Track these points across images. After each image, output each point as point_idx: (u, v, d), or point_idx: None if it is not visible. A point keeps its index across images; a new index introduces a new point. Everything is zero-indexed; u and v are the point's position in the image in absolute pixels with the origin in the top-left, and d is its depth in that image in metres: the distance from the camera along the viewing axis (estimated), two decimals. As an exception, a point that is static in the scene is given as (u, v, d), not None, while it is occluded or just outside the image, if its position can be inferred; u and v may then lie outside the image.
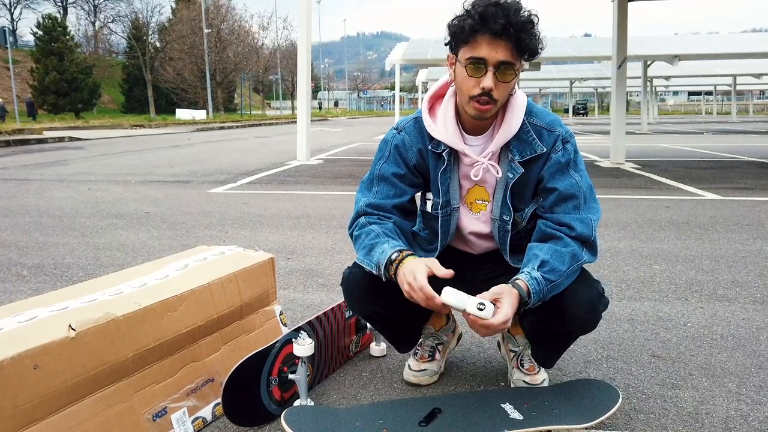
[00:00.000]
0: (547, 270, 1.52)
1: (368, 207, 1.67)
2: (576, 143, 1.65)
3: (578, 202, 1.60)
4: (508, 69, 1.48)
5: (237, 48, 44.82)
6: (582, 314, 1.58)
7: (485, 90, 1.48)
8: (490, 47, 1.46)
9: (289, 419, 1.48)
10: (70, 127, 21.04)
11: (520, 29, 1.44)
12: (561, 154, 1.61)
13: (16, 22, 50.32)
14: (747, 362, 2.05)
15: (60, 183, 7.03)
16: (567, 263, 1.54)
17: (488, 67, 1.47)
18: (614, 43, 9.05)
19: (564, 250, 1.55)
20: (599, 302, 1.61)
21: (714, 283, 3.00)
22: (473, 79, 1.50)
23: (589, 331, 1.66)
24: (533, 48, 1.48)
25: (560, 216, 1.60)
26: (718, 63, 26.03)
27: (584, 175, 1.64)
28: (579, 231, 1.57)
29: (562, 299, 1.57)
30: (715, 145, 13.80)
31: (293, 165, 9.16)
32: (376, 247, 1.57)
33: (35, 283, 3.00)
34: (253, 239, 4.01)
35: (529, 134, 1.61)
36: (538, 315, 1.67)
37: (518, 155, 1.60)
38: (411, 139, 1.68)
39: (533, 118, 1.62)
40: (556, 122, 1.64)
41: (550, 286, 1.51)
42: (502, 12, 1.43)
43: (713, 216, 4.81)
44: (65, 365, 1.31)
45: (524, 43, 1.45)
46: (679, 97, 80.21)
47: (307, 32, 9.42)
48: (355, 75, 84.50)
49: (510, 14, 1.43)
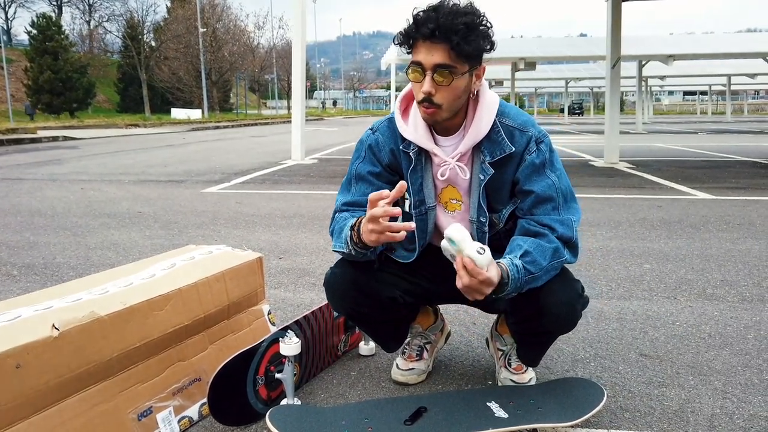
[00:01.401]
0: (529, 261, 1.51)
1: (344, 205, 1.70)
2: (551, 143, 1.65)
3: (557, 203, 1.60)
4: (445, 71, 1.47)
5: (232, 47, 44.77)
6: (561, 314, 1.59)
7: (425, 94, 1.50)
8: (426, 51, 1.47)
9: (274, 418, 1.48)
10: (64, 127, 20.97)
11: (450, 32, 1.43)
12: (535, 155, 1.60)
13: (10, 21, 50.22)
14: (734, 360, 2.06)
15: (53, 182, 7.01)
16: (548, 258, 1.54)
17: (426, 71, 1.48)
18: (608, 43, 9.07)
19: (547, 245, 1.55)
20: (578, 302, 1.61)
21: (704, 282, 3.01)
22: (416, 84, 1.52)
23: (568, 331, 1.67)
24: (472, 50, 1.46)
25: (540, 218, 1.60)
26: (712, 63, 26.12)
27: (562, 174, 1.63)
28: (560, 232, 1.57)
29: (541, 298, 1.57)
30: (709, 145, 13.86)
31: (288, 164, 9.16)
32: (345, 228, 1.59)
33: (25, 283, 2.99)
34: (245, 239, 4.01)
35: (500, 134, 1.60)
36: (518, 315, 1.68)
37: (489, 156, 1.60)
38: (384, 139, 1.69)
39: (505, 119, 1.62)
40: (528, 123, 1.63)
41: (528, 277, 1.50)
42: (435, 15, 1.43)
43: (705, 215, 4.83)
44: (48, 365, 1.31)
45: (457, 45, 1.44)
46: (674, 96, 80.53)
47: (302, 31, 9.41)
48: (351, 74, 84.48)
49: (440, 17, 1.43)
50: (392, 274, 1.73)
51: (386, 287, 1.70)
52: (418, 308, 1.92)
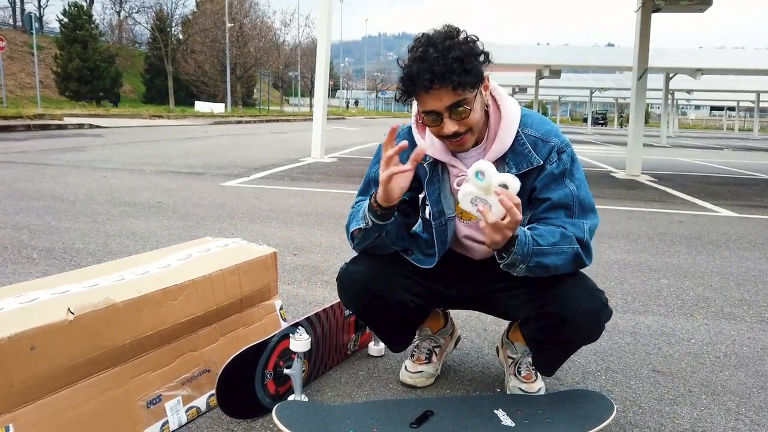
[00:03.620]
0: (537, 234, 1.50)
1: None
2: (573, 152, 1.63)
3: (572, 212, 1.57)
4: (460, 108, 1.47)
5: (258, 43, 45.06)
6: (585, 324, 1.57)
7: (451, 133, 1.50)
8: (432, 99, 1.47)
9: (280, 413, 1.49)
10: (90, 115, 21.28)
11: (447, 73, 1.42)
12: (555, 165, 1.58)
13: (43, 9, 50.97)
14: (749, 382, 2.02)
15: (76, 169, 7.12)
16: (557, 238, 1.51)
17: (442, 115, 1.49)
18: (636, 54, 8.96)
19: (557, 229, 1.53)
20: (602, 312, 1.59)
21: (722, 300, 2.96)
22: (435, 127, 1.52)
23: (591, 342, 1.65)
24: (472, 80, 1.45)
25: (552, 221, 1.57)
26: (741, 79, 25.69)
27: (582, 184, 1.61)
28: (570, 232, 1.55)
29: (565, 308, 1.55)
30: (734, 162, 13.62)
31: (307, 162, 9.20)
32: (362, 206, 1.61)
33: (44, 266, 3.04)
34: (261, 233, 4.03)
35: (525, 146, 1.59)
36: (540, 322, 1.66)
37: (515, 168, 1.58)
38: None
39: (528, 129, 1.60)
40: (551, 132, 1.61)
41: (536, 248, 1.48)
42: (426, 65, 1.42)
43: (726, 233, 4.75)
44: (62, 348, 1.33)
45: (457, 82, 1.43)
46: (700, 111, 79.27)
47: (327, 30, 9.45)
48: (374, 75, 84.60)
49: (432, 65, 1.41)
50: (406, 276, 1.72)
51: (398, 289, 1.70)
52: (428, 311, 1.92)
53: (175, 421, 1.57)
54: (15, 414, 1.26)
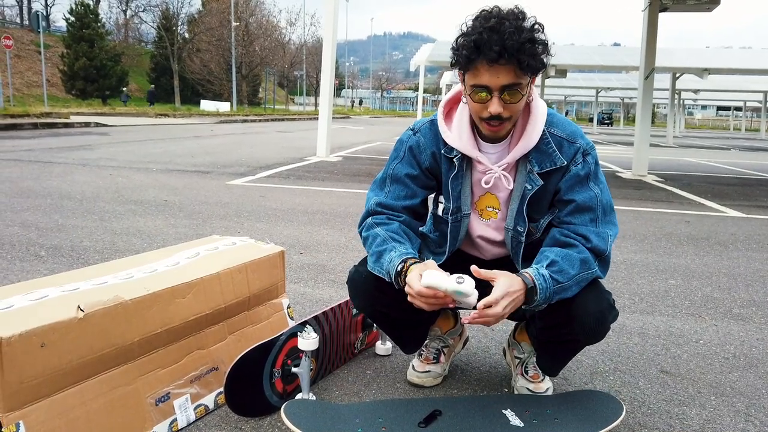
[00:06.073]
0: (556, 270, 1.49)
1: (378, 206, 1.67)
2: (597, 155, 1.62)
3: (596, 215, 1.57)
4: (514, 90, 1.45)
5: (264, 42, 45.17)
6: (591, 324, 1.56)
7: (493, 115, 1.47)
8: (490, 74, 1.43)
9: (288, 412, 1.49)
10: (96, 113, 21.36)
11: (518, 51, 1.39)
12: (581, 167, 1.57)
13: (50, 7, 51.17)
14: (758, 383, 2.01)
15: (83, 167, 7.15)
16: (577, 268, 1.51)
17: (493, 93, 1.45)
18: (642, 54, 8.92)
19: (576, 255, 1.52)
20: (609, 313, 1.58)
21: (730, 301, 2.94)
22: (480, 104, 1.48)
23: (597, 342, 1.64)
24: (537, 65, 1.44)
25: (576, 227, 1.57)
26: (748, 78, 25.56)
27: (605, 188, 1.61)
28: (595, 243, 1.54)
29: (571, 308, 1.55)
30: (741, 162, 13.55)
31: (312, 161, 9.20)
32: (384, 254, 1.57)
33: (52, 264, 3.05)
34: (267, 232, 4.03)
35: (550, 145, 1.57)
36: (546, 321, 1.65)
37: (537, 166, 1.57)
38: (426, 142, 1.67)
39: (554, 129, 1.59)
40: (577, 133, 1.60)
41: (557, 287, 1.48)
42: (498, 37, 1.38)
43: (734, 233, 4.72)
44: (72, 345, 1.33)
45: (525, 63, 1.41)
46: (707, 111, 78.93)
47: (333, 29, 9.45)
48: (379, 74, 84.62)
49: (505, 38, 1.37)
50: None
51: None
52: (439, 311, 1.91)
53: (184, 419, 1.57)
54: (25, 411, 1.26)
